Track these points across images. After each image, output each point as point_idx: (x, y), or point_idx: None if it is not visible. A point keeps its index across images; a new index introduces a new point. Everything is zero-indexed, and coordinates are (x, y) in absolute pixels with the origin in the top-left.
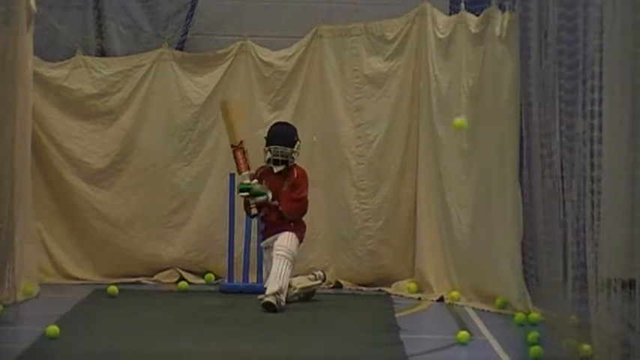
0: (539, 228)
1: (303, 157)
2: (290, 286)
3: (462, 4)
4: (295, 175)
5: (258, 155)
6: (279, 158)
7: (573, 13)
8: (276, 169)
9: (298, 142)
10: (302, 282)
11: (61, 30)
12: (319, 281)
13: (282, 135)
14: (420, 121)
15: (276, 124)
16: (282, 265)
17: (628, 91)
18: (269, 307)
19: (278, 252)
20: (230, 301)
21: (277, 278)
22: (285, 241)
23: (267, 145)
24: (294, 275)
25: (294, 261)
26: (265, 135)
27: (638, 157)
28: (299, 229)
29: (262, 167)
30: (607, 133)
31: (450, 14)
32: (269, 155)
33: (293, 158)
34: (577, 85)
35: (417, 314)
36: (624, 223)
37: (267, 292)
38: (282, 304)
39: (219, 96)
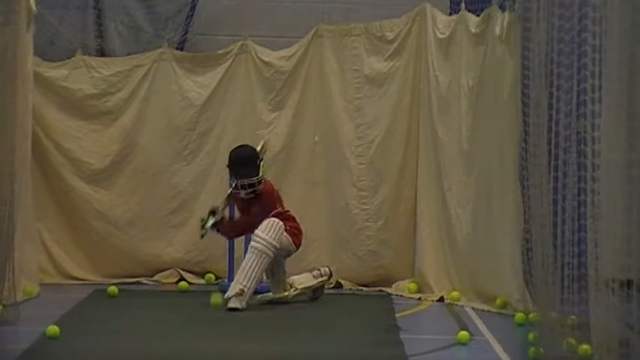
0: (539, 228)
1: (303, 157)
2: (291, 286)
3: (463, 4)
4: (262, 195)
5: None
6: (248, 191)
7: (571, 13)
8: (243, 194)
9: (261, 162)
10: (304, 281)
11: (61, 30)
12: (324, 278)
13: (244, 164)
14: (420, 121)
15: (236, 150)
16: (251, 262)
17: (625, 91)
18: (234, 310)
19: (253, 244)
20: None
21: (242, 277)
22: (264, 229)
23: (230, 173)
24: (296, 274)
25: (271, 252)
26: (227, 163)
27: (635, 157)
28: (291, 232)
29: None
30: (605, 133)
31: (451, 14)
32: (234, 185)
33: (259, 183)
34: (576, 84)
35: (417, 314)
36: (622, 222)
37: (227, 295)
38: (243, 304)
39: (219, 96)
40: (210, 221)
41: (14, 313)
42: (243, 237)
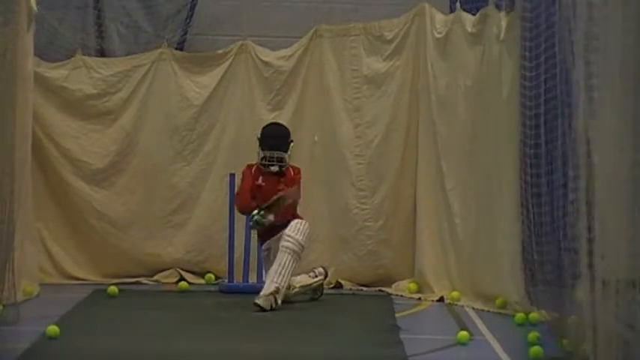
0: (540, 228)
1: (303, 157)
2: (289, 286)
3: (457, 3)
4: (292, 173)
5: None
6: (275, 163)
7: (573, 13)
8: (273, 169)
9: (292, 144)
10: (302, 280)
11: (61, 30)
12: (320, 277)
13: (278, 138)
14: (420, 120)
15: (271, 125)
16: (285, 261)
17: (630, 91)
18: (260, 308)
19: (285, 243)
20: (230, 301)
21: (277, 276)
22: (295, 230)
23: (261, 146)
24: (296, 274)
25: (301, 253)
26: (259, 136)
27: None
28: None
29: (254, 165)
30: (609, 133)
31: (450, 14)
32: (262, 156)
33: (287, 162)
34: (578, 85)
35: (417, 314)
36: (626, 223)
37: (262, 293)
38: (278, 303)
39: (218, 96)
40: (271, 216)
41: (14, 313)
42: (242, 237)
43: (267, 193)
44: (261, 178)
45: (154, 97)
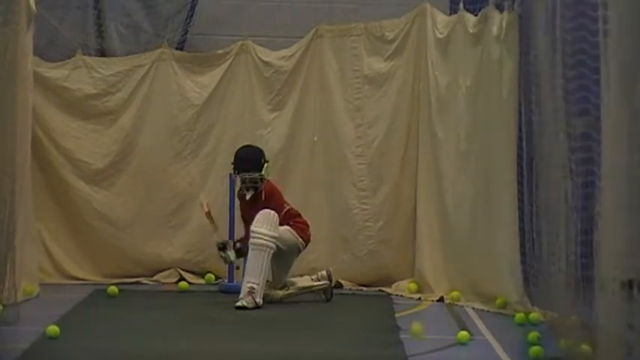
0: (540, 228)
1: (303, 157)
2: (286, 285)
3: (461, 4)
4: (263, 197)
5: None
6: (249, 185)
7: (574, 13)
8: (247, 196)
9: (266, 165)
10: (302, 282)
11: (61, 30)
12: (323, 282)
13: (249, 160)
14: (420, 121)
15: (242, 148)
16: (256, 258)
17: (630, 91)
18: (243, 309)
19: (253, 240)
20: (230, 301)
21: (249, 276)
22: (260, 223)
23: (234, 170)
24: (298, 275)
25: (272, 243)
26: (232, 161)
27: (638, 157)
28: (297, 227)
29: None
30: (607, 133)
31: (451, 14)
32: (239, 183)
33: (262, 182)
34: (578, 85)
35: (417, 314)
36: (625, 223)
37: (240, 296)
38: (258, 300)
39: (219, 96)
40: (232, 255)
41: (14, 313)
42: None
43: (247, 220)
44: (242, 207)
45: (155, 97)
